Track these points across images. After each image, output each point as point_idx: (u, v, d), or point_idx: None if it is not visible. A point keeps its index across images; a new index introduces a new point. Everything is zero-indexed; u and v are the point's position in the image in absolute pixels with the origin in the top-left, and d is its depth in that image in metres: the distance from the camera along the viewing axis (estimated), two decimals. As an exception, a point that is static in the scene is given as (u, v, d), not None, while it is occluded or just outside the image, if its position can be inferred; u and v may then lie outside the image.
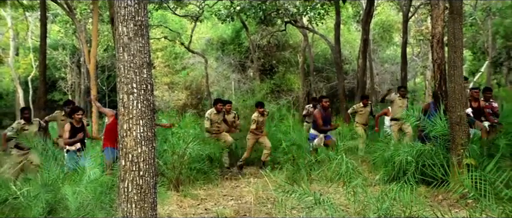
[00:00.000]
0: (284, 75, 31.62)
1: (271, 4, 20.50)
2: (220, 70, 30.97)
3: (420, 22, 34.72)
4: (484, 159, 7.82)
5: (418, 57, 37.04)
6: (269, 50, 30.95)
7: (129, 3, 4.73)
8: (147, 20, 4.95)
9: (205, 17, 27.35)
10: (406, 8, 23.41)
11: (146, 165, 4.83)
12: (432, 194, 8.06)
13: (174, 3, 24.21)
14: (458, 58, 8.63)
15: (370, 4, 18.94)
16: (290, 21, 23.61)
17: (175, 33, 28.87)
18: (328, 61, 30.95)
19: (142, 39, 4.79)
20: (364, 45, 19.28)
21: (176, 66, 32.77)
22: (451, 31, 8.67)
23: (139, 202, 4.79)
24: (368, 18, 19.09)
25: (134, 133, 4.77)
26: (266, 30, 28.63)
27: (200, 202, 8.76)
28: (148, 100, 4.85)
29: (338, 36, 21.04)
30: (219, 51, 31.51)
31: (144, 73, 4.79)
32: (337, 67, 21.62)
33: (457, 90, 8.55)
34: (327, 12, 20.82)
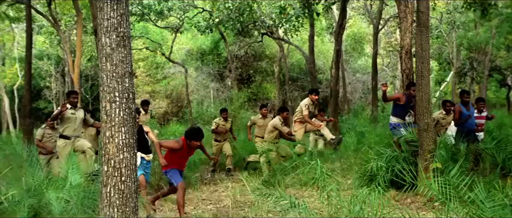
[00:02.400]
0: (261, 84, 31.87)
1: (248, 16, 20.70)
2: (199, 80, 31.10)
3: (390, 34, 35.25)
4: (449, 164, 8.03)
5: (388, 67, 37.46)
6: (246, 60, 31.20)
7: (111, 15, 4.85)
8: (129, 31, 5.04)
9: (185, 29, 27.52)
10: (376, 21, 23.83)
11: (128, 171, 4.94)
12: (401, 198, 8.24)
13: (155, 15, 24.29)
14: (425, 68, 8.88)
15: (343, 17, 19.23)
16: (266, 33, 23.82)
17: (157, 44, 28.94)
18: (302, 71, 31.21)
19: (125, 50, 4.90)
20: (337, 55, 19.54)
21: (157, 75, 32.80)
22: (419, 43, 8.90)
23: (121, 206, 4.90)
24: (340, 30, 19.35)
25: (116, 140, 4.88)
26: (244, 41, 28.84)
27: (180, 206, 8.91)
28: (130, 109, 4.96)
29: (312, 47, 21.36)
30: (199, 61, 31.65)
31: (126, 82, 4.90)
32: (312, 76, 21.92)
33: (425, 98, 8.80)
34: (302, 25, 21.07)
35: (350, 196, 6.18)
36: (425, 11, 8.98)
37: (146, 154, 8.50)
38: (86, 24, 23.57)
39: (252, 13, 20.87)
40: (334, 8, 26.03)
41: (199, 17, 23.71)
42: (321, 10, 22.66)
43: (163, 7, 23.47)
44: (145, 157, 8.47)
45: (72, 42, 27.20)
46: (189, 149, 7.73)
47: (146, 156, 8.49)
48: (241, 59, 30.85)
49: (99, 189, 5.35)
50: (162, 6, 23.39)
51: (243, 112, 20.96)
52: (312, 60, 21.42)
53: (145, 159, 8.47)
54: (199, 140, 7.55)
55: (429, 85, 8.99)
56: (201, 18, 23.18)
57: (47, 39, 29.96)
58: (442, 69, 37.99)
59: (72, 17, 24.94)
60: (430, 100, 8.87)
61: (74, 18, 23.24)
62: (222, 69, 31.51)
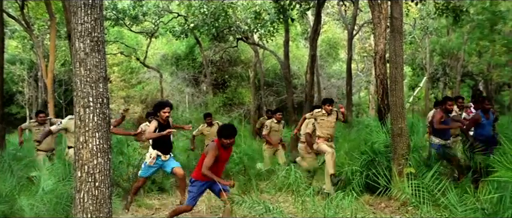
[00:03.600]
0: (236, 89, 31.87)
1: (223, 21, 20.71)
2: (174, 85, 31.00)
3: (364, 39, 35.55)
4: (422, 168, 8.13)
5: (362, 72, 37.74)
6: (222, 65, 31.18)
7: (85, 20, 4.84)
8: (104, 36, 5.03)
9: (160, 34, 27.43)
10: (350, 26, 23.99)
11: (102, 176, 4.93)
12: (375, 202, 8.34)
13: (130, 20, 24.16)
14: (399, 73, 8.99)
15: (317, 22, 19.34)
16: (242, 38, 23.84)
17: (131, 48, 28.83)
18: (278, 76, 31.29)
19: (99, 55, 4.90)
20: (311, 60, 19.63)
21: (132, 80, 32.61)
22: (392, 48, 9.02)
23: (94, 212, 4.89)
24: (315, 36, 19.45)
25: (90, 145, 4.86)
26: (219, 46, 28.83)
27: (154, 211, 8.87)
28: (104, 114, 4.96)
29: (287, 52, 21.46)
30: (174, 66, 31.56)
31: (100, 87, 4.90)
32: (287, 81, 22.01)
33: (398, 103, 8.90)
34: (277, 30, 21.14)
35: (324, 201, 6.20)
36: (399, 16, 9.07)
37: (164, 153, 8.33)
38: (60, 29, 23.36)
39: (227, 18, 20.87)
40: (309, 14, 26.16)
41: (174, 22, 23.67)
42: (296, 15, 22.78)
43: (138, 12, 23.36)
44: (162, 157, 8.30)
45: (46, 47, 26.94)
46: (224, 150, 7.04)
47: (163, 155, 8.31)
48: (217, 64, 30.83)
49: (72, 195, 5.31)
50: (136, 11, 23.28)
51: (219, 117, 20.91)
52: (287, 65, 21.51)
53: (161, 158, 8.29)
54: (232, 137, 6.89)
55: (403, 90, 9.10)
56: (176, 23, 23.14)
57: (20, 43, 29.63)
58: (415, 74, 38.45)
59: (46, 22, 24.71)
60: (403, 105, 8.96)
61: (47, 22, 23.01)
62: (197, 74, 31.45)
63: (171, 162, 8.41)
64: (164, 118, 8.27)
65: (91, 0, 4.87)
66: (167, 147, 8.40)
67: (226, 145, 6.85)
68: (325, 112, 9.93)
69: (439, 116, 9.32)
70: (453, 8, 19.13)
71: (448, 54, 33.73)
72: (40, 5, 23.12)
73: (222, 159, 7.01)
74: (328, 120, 9.93)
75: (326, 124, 9.92)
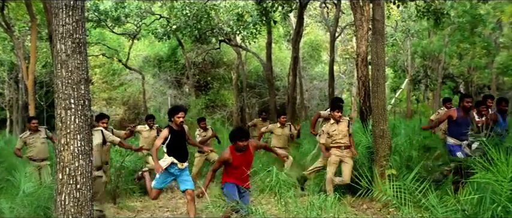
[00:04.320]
0: (218, 91, 31.86)
1: (206, 23, 20.69)
2: (157, 87, 30.91)
3: (346, 42, 35.73)
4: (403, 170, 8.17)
5: (344, 74, 37.93)
6: (204, 67, 31.15)
7: (67, 21, 4.80)
8: (85, 38, 4.99)
9: (142, 35, 27.35)
10: (333, 29, 24.10)
11: (83, 178, 4.89)
12: (357, 204, 8.38)
13: (112, 22, 24.05)
14: (381, 75, 9.03)
15: (300, 24, 19.43)
16: (224, 40, 23.86)
17: (113, 50, 28.70)
18: (260, 78, 31.32)
19: (80, 56, 4.86)
20: (294, 62, 19.71)
21: (114, 82, 32.44)
22: (374, 50, 9.06)
23: (76, 214, 4.84)
24: (298, 38, 19.54)
25: (72, 147, 4.82)
26: (201, 48, 28.81)
27: (136, 213, 8.85)
28: (86, 115, 4.92)
29: (270, 54, 21.51)
30: (156, 68, 31.46)
31: (81, 89, 4.86)
32: (269, 83, 22.07)
33: (380, 105, 8.94)
34: (259, 32, 21.17)
35: (307, 202, 6.22)
36: (381, 19, 9.12)
37: (181, 161, 7.72)
38: (41, 30, 23.18)
39: (209, 20, 20.86)
40: (292, 16, 26.23)
41: (157, 24, 23.59)
42: (278, 18, 22.82)
43: (120, 13, 23.27)
44: (178, 165, 7.68)
45: (27, 48, 26.70)
46: (239, 154, 6.72)
47: (180, 163, 7.69)
48: (199, 66, 30.80)
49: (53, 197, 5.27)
50: (119, 12, 23.19)
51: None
52: (269, 67, 21.56)
53: (177, 166, 7.68)
54: (243, 139, 6.57)
55: (385, 92, 9.12)
56: (159, 24, 23.07)
57: (0, 45, 29.33)
58: (397, 76, 38.72)
59: (26, 23, 24.50)
60: (385, 107, 9.00)
61: (28, 23, 22.83)
62: (180, 76, 31.39)
63: (186, 177, 7.82)
64: (178, 124, 7.75)
65: (72, 2, 4.84)
66: (183, 154, 7.83)
67: (241, 148, 6.64)
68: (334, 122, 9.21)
69: (445, 116, 9.16)
70: (434, 10, 19.29)
71: (429, 56, 34.05)
72: (20, 6, 22.93)
73: (237, 164, 6.75)
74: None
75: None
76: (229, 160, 6.70)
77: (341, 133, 9.09)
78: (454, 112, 8.96)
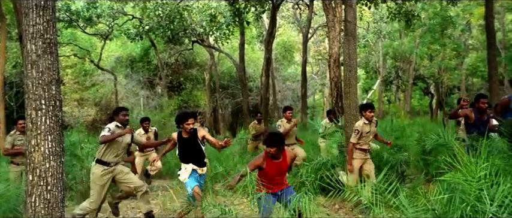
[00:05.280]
0: (191, 91, 31.78)
1: (179, 24, 20.62)
2: (129, 87, 30.70)
3: (319, 43, 35.95)
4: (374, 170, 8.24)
5: (317, 75, 38.12)
6: (177, 67, 31.06)
7: (37, 21, 4.75)
8: (56, 38, 4.95)
9: (114, 36, 27.14)
10: (305, 30, 24.24)
11: (54, 180, 4.83)
12: (330, 204, 8.42)
13: (84, 22, 23.82)
14: (353, 76, 9.11)
15: (272, 25, 19.49)
16: (197, 41, 23.81)
17: (85, 51, 28.42)
18: (233, 78, 31.34)
19: (51, 57, 4.81)
20: (267, 63, 19.76)
21: (86, 82, 32.10)
22: (346, 51, 9.13)
23: (46, 216, 4.79)
24: (270, 39, 19.59)
25: (42, 148, 4.76)
26: (174, 49, 28.71)
27: (108, 214, 8.77)
28: (57, 116, 4.86)
29: (242, 55, 21.52)
30: (128, 68, 31.26)
31: (52, 89, 4.81)
32: (242, 84, 22.08)
33: (352, 106, 9.02)
34: (232, 33, 21.17)
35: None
36: (353, 20, 9.19)
37: (200, 166, 7.32)
38: (11, 30, 22.86)
39: (182, 21, 20.80)
40: (264, 17, 26.30)
41: (129, 24, 23.47)
42: (251, 19, 22.85)
43: (92, 14, 23.08)
44: (198, 170, 7.30)
45: (-4, 48, 26.34)
46: (272, 160, 6.38)
47: (199, 168, 7.31)
48: (172, 67, 30.71)
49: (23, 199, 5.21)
50: (90, 12, 22.99)
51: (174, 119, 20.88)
52: (242, 68, 21.57)
53: (197, 172, 7.29)
54: (273, 146, 6.21)
55: (356, 93, 9.20)
56: (131, 25, 22.96)
57: (-31, 45, 28.90)
58: (369, 77, 39.10)
59: (-4, 23, 24.14)
60: (357, 108, 9.06)
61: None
62: (152, 77, 31.25)
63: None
64: (188, 130, 7.27)
65: (43, 2, 4.79)
66: (199, 157, 7.37)
67: (269, 155, 6.30)
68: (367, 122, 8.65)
69: (462, 114, 8.83)
70: (405, 12, 19.52)
71: (401, 58, 34.42)
72: (-11, 6, 22.61)
73: (270, 170, 6.39)
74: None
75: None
76: (262, 165, 6.39)
77: (372, 134, 8.81)
78: (471, 113, 8.63)
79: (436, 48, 32.18)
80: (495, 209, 4.25)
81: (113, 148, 7.50)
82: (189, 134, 7.32)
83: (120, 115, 7.70)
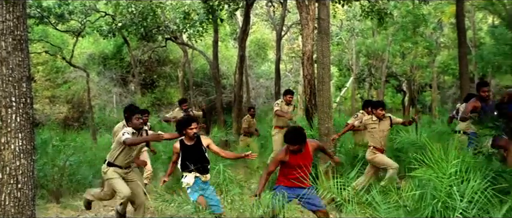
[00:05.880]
0: (165, 89, 31.64)
1: (152, 21, 20.50)
2: (102, 85, 30.45)
3: (292, 40, 36.02)
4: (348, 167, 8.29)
5: (290, 73, 38.20)
6: (150, 65, 30.90)
7: (7, 17, 4.68)
8: (27, 35, 4.89)
9: (87, 33, 26.82)
10: (279, 27, 24.27)
11: (25, 178, 4.79)
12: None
13: (55, 19, 23.49)
14: (326, 74, 9.16)
15: (246, 23, 19.47)
16: (170, 38, 23.69)
17: (57, 47, 28.04)
18: (207, 76, 31.25)
19: (22, 54, 4.76)
20: (240, 61, 19.74)
21: (57, 80, 31.68)
22: (320, 49, 9.17)
23: (16, 215, 4.75)
24: (244, 36, 19.58)
25: (12, 146, 4.72)
26: (147, 46, 28.54)
27: (80, 213, 8.72)
28: (28, 114, 4.83)
29: (216, 52, 21.48)
30: (101, 65, 30.98)
31: (23, 87, 4.76)
32: (215, 82, 22.05)
33: (325, 103, 9.07)
34: (206, 30, 21.11)
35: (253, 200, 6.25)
36: (326, 18, 9.24)
37: (203, 173, 6.94)
38: (-20, 27, 22.48)
39: (155, 18, 20.69)
40: (238, 14, 26.27)
41: (102, 21, 23.24)
42: (225, 16, 22.82)
43: (63, 10, 22.78)
44: (201, 178, 6.92)
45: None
46: (293, 155, 6.31)
47: (203, 176, 6.93)
48: (145, 64, 30.54)
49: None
50: (62, 9, 22.70)
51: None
52: (215, 65, 21.54)
53: (201, 179, 6.92)
54: (294, 143, 6.19)
55: (330, 90, 9.26)
56: (104, 22, 22.72)
57: None
58: (342, 75, 39.37)
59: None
60: (330, 105, 9.13)
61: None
62: (125, 74, 31.03)
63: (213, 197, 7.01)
64: (192, 136, 6.94)
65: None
66: (201, 163, 6.94)
67: (291, 151, 6.29)
68: (377, 119, 8.81)
69: (470, 107, 8.62)
70: (378, 10, 19.66)
71: (374, 55, 34.72)
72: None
73: (292, 165, 6.33)
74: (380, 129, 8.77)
75: (379, 134, 8.78)
76: (284, 160, 6.41)
77: (382, 134, 8.76)
78: (477, 103, 8.55)
79: (408, 46, 32.53)
80: (465, 205, 4.31)
81: (126, 152, 7.24)
82: (193, 140, 6.99)
83: (133, 119, 7.24)
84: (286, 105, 11.09)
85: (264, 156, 11.36)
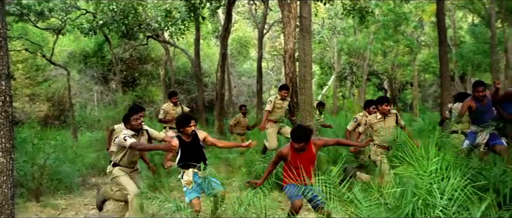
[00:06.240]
0: (146, 87, 31.55)
1: (133, 19, 20.40)
2: (83, 83, 30.25)
3: (274, 38, 36.09)
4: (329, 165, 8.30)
5: (272, 71, 38.26)
6: (131, 63, 30.77)
7: (-14, 15, 4.69)
8: (6, 32, 4.86)
9: (67, 30, 26.62)
10: (261, 25, 24.28)
11: (4, 176, 4.75)
12: (285, 199, 8.46)
13: (35, 16, 23.27)
14: (308, 72, 9.19)
15: (228, 21, 19.47)
16: (152, 36, 23.60)
17: (37, 45, 27.81)
18: (188, 74, 31.21)
19: (1, 51, 4.71)
20: (222, 59, 19.74)
21: (38, 77, 31.42)
22: (301, 47, 9.20)
23: (-5, 214, 4.70)
24: (226, 34, 19.57)
25: (-8, 144, 4.72)
26: (128, 44, 28.40)
27: (61, 211, 8.65)
28: (7, 112, 4.78)
29: (198, 50, 21.44)
30: (82, 63, 30.77)
31: (2, 84, 4.71)
32: (197, 80, 22.01)
33: (307, 101, 9.10)
34: (187, 28, 21.05)
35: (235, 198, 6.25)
36: (308, 16, 9.26)
37: (200, 169, 6.80)
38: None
39: (137, 16, 20.59)
40: (220, 12, 26.24)
41: (83, 19, 23.05)
42: (207, 14, 22.78)
43: (43, 8, 22.59)
44: (199, 173, 6.80)
45: None
46: (297, 153, 6.22)
47: (200, 171, 6.80)
48: (126, 62, 30.40)
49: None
50: (42, 6, 22.51)
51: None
52: (197, 64, 21.49)
53: (198, 175, 6.83)
54: (299, 141, 6.08)
55: (311, 88, 9.30)
56: (84, 19, 22.54)
57: None
58: (324, 73, 39.49)
59: None
60: (312, 103, 9.17)
61: None
62: (106, 72, 30.86)
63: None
64: (190, 133, 6.91)
65: (-8, -5, 4.70)
66: (200, 159, 6.87)
67: (295, 149, 6.19)
68: (381, 116, 8.48)
69: (466, 106, 8.42)
70: (359, 8, 19.76)
71: (355, 54, 34.90)
72: None
73: (294, 163, 6.26)
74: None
75: (385, 132, 8.39)
76: (287, 157, 6.34)
77: (387, 130, 8.40)
78: (472, 103, 8.36)
79: (390, 44, 32.74)
80: (445, 202, 4.35)
81: (130, 153, 7.12)
82: (191, 137, 6.96)
83: (132, 121, 7.03)
84: (282, 100, 10.95)
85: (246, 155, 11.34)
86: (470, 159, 7.23)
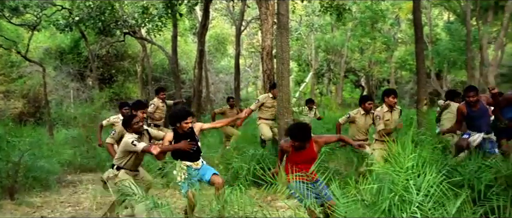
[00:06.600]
0: (123, 84, 31.40)
1: (110, 15, 20.23)
2: (58, 79, 29.98)
3: (252, 35, 36.15)
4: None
5: (250, 68, 38.36)
6: (108, 59, 30.59)
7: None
8: (-20, 29, 4.83)
9: (43, 27, 26.35)
10: (238, 22, 24.29)
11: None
12: (262, 196, 8.49)
13: (9, 12, 22.98)
14: (285, 69, 9.19)
15: (206, 18, 19.43)
16: (129, 32, 23.45)
17: (11, 41, 27.50)
18: (166, 71, 31.14)
19: (-25, 48, 4.70)
20: (200, 56, 19.70)
21: (12, 74, 31.06)
22: (279, 44, 9.20)
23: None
24: (203, 31, 19.54)
25: (-34, 142, 4.67)
26: (105, 41, 28.22)
27: (36, 209, 8.58)
28: (-19, 109, 4.76)
29: (175, 47, 21.35)
30: (58, 60, 30.50)
31: (-24, 81, 4.70)
32: (175, 76, 21.92)
33: (285, 98, 9.11)
34: (165, 25, 20.93)
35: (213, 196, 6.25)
36: (285, 13, 9.26)
37: (194, 161, 6.98)
38: None
39: (113, 12, 20.44)
40: (197, 9, 26.19)
41: (58, 15, 22.82)
42: (184, 10, 22.71)
43: (18, 3, 22.33)
44: (193, 165, 6.92)
45: None
46: (296, 151, 6.21)
47: (194, 163, 6.95)
48: (103, 59, 30.21)
49: None
50: (16, 2, 22.25)
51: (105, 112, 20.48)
52: (175, 60, 21.41)
53: (192, 167, 6.91)
54: (295, 139, 6.06)
55: (289, 85, 9.29)
56: (60, 16, 22.32)
57: None
58: (301, 70, 39.62)
59: None
60: (290, 100, 9.17)
61: None
62: (83, 69, 30.62)
63: (207, 168, 7.09)
64: (186, 129, 6.94)
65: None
66: (193, 153, 6.97)
67: (296, 148, 6.16)
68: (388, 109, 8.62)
69: (459, 113, 8.19)
70: (337, 6, 19.84)
71: (332, 51, 35.10)
72: None
73: (293, 160, 6.26)
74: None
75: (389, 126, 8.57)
76: (287, 151, 6.33)
77: (393, 123, 8.57)
78: (464, 108, 8.14)
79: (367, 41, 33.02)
80: (421, 198, 4.39)
81: (136, 157, 7.06)
82: (187, 132, 6.98)
83: (133, 126, 6.99)
84: (273, 99, 10.88)
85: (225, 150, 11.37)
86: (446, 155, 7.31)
